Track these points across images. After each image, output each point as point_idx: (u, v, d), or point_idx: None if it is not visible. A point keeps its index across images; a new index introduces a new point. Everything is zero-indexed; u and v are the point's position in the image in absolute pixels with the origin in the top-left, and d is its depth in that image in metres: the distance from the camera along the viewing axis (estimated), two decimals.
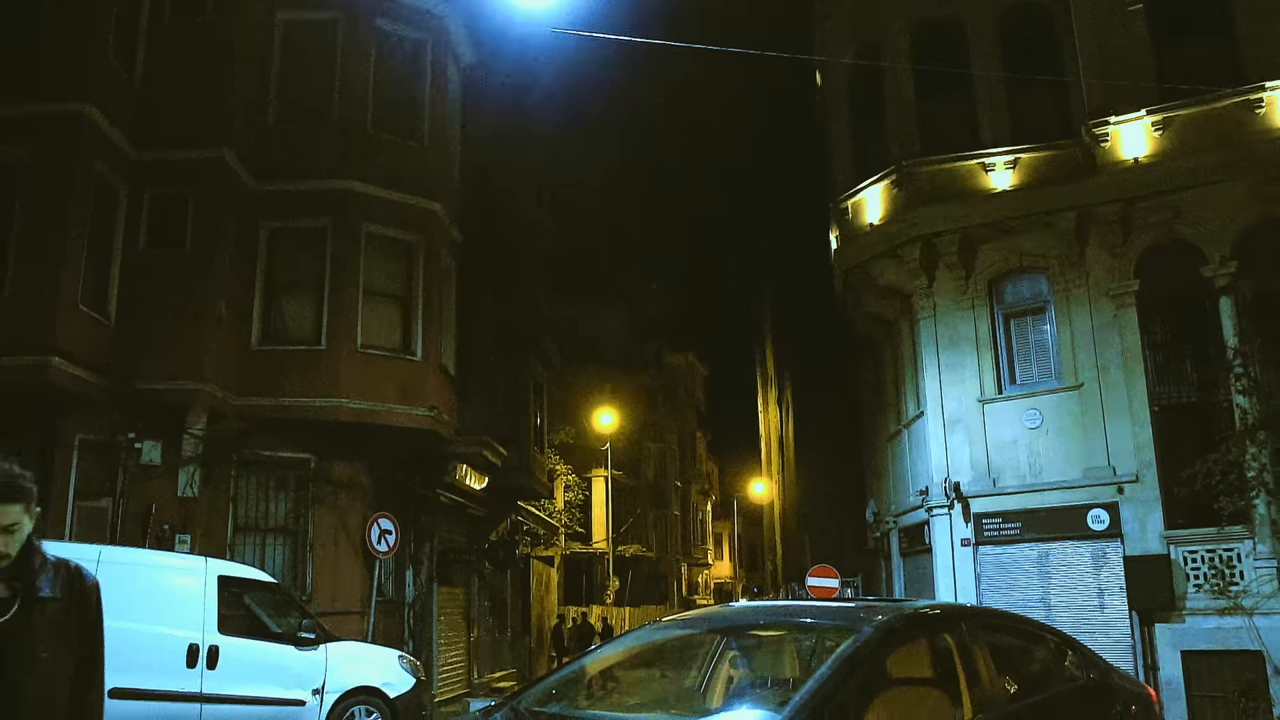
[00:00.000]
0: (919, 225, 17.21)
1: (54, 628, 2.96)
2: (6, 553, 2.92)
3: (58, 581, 3.06)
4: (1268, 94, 15.19)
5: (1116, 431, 15.77)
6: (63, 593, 3.05)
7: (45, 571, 3.04)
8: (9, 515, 2.96)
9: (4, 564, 2.91)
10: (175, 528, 14.79)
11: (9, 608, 2.91)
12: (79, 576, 3.18)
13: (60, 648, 2.96)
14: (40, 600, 2.97)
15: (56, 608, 3.00)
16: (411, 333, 17.18)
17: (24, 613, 2.92)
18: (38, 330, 13.35)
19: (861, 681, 4.38)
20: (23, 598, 2.95)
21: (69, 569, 3.16)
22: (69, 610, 3.04)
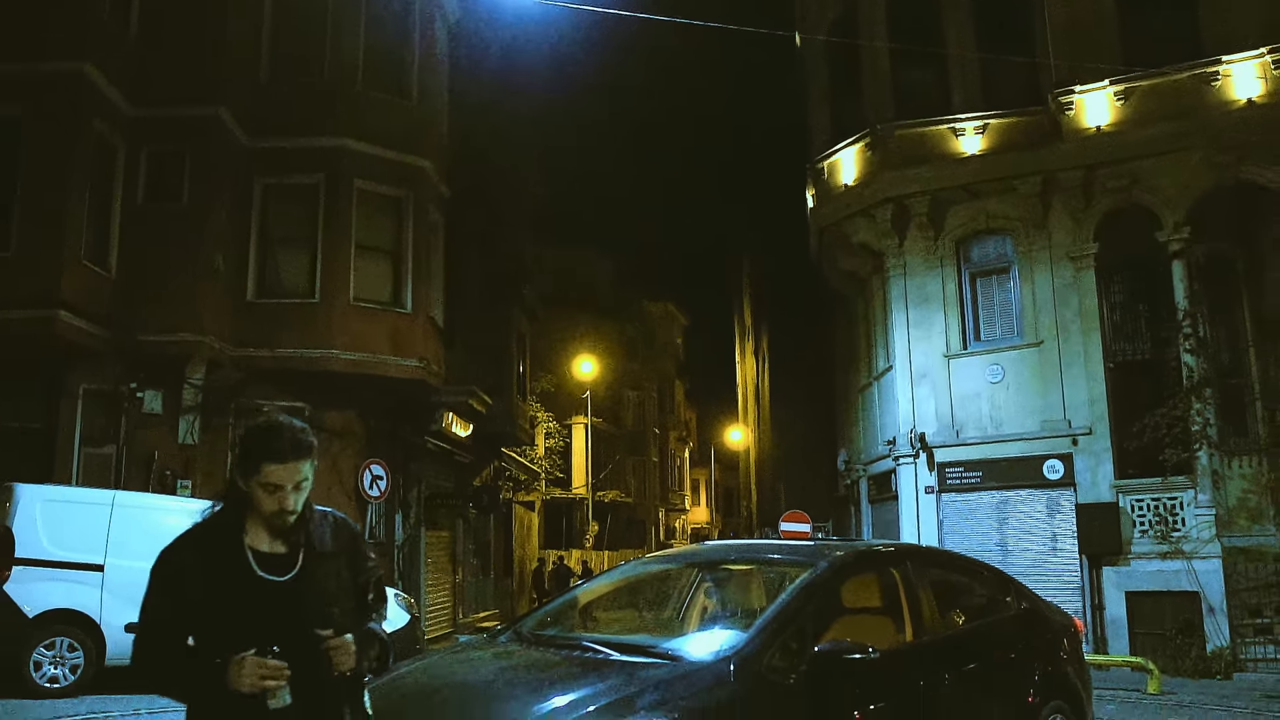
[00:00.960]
0: (891, 187, 17.92)
1: (336, 580, 2.89)
2: (295, 510, 2.84)
3: (330, 534, 2.97)
4: (1224, 67, 15.90)
5: (1073, 387, 16.67)
6: (335, 544, 2.96)
7: (319, 526, 2.96)
8: (300, 472, 2.86)
9: (292, 520, 2.85)
10: (176, 473, 15.48)
11: (293, 565, 2.86)
12: (345, 526, 3.09)
13: (345, 600, 2.89)
14: (320, 555, 2.90)
15: (334, 561, 2.92)
16: (402, 286, 17.77)
17: (307, 569, 2.86)
18: (44, 284, 13.86)
19: (817, 608, 5.19)
20: (305, 554, 2.88)
21: (335, 520, 3.07)
22: (344, 562, 2.96)
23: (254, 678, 2.66)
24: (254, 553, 2.84)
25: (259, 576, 2.81)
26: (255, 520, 2.88)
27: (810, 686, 4.65)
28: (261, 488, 2.82)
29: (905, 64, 18.43)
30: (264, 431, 2.90)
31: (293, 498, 2.84)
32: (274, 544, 2.88)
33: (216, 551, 2.84)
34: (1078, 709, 6.69)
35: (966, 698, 5.82)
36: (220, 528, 2.90)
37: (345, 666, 2.77)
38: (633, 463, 54.42)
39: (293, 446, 2.85)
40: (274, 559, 2.86)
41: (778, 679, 4.62)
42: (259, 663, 2.67)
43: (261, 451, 2.85)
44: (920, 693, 5.44)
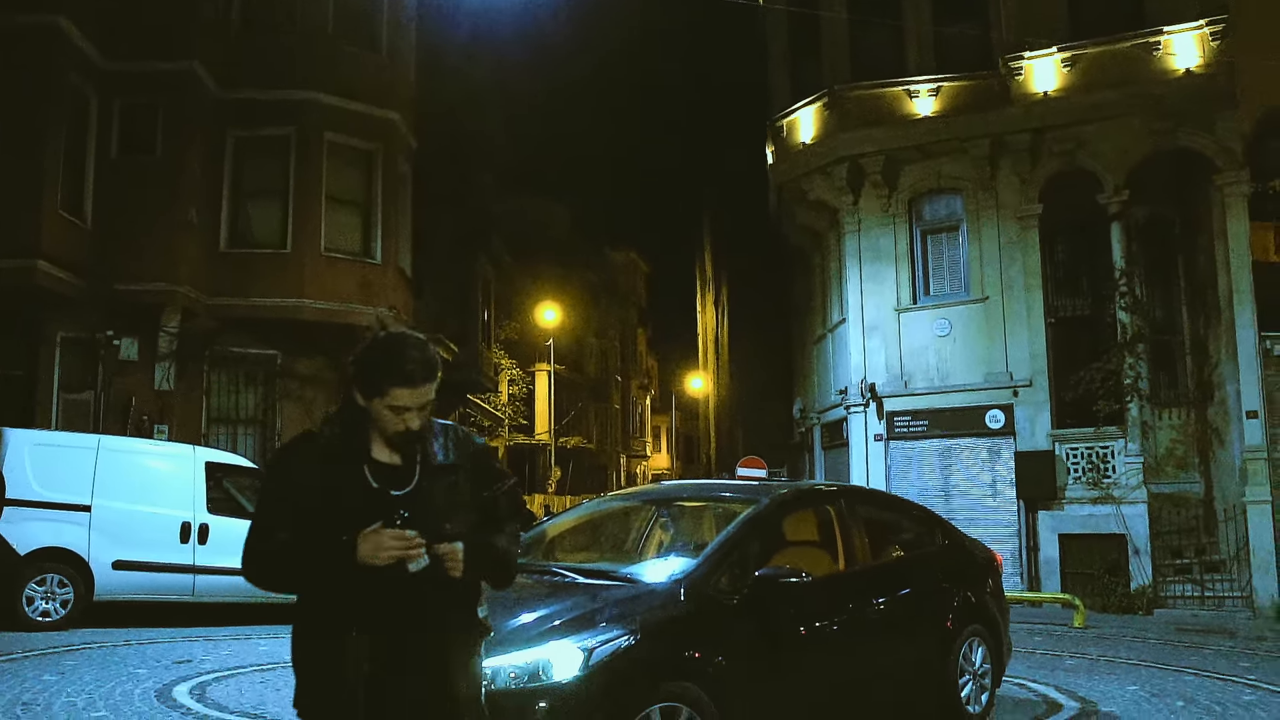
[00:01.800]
0: (847, 146, 18.56)
1: (454, 494, 2.84)
2: (419, 430, 2.79)
3: (450, 447, 2.89)
4: (1165, 37, 16.62)
5: (1015, 341, 17.54)
6: (456, 458, 2.89)
7: (436, 438, 2.88)
8: (429, 394, 2.77)
9: (411, 444, 2.80)
10: (153, 419, 15.97)
11: (410, 477, 2.80)
12: (468, 440, 2.99)
13: (463, 514, 2.84)
14: (437, 468, 2.84)
15: (453, 474, 2.86)
16: (371, 237, 18.22)
17: (424, 482, 2.81)
18: (23, 235, 14.22)
19: (760, 539, 5.93)
20: (422, 466, 2.82)
21: (458, 434, 2.98)
22: (465, 475, 2.89)
23: (394, 548, 2.64)
24: (371, 464, 2.79)
25: (375, 489, 2.76)
26: (374, 433, 2.80)
27: (751, 606, 5.40)
28: (389, 409, 2.73)
29: (862, 27, 18.97)
30: (392, 351, 2.76)
31: (418, 419, 2.76)
32: (391, 456, 2.81)
33: (334, 462, 2.77)
34: (994, 634, 7.53)
35: (891, 620, 6.62)
36: (338, 439, 2.82)
37: (455, 573, 2.73)
38: (595, 409, 55.22)
39: (423, 369, 2.74)
40: (391, 471, 2.80)
41: (723, 599, 5.36)
42: (397, 534, 2.64)
43: (391, 374, 2.73)
44: (849, 614, 6.22)
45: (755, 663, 5.31)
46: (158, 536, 12.22)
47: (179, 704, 7.77)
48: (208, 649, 10.56)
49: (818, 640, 5.85)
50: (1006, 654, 7.94)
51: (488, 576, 2.93)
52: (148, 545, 12.12)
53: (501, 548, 2.94)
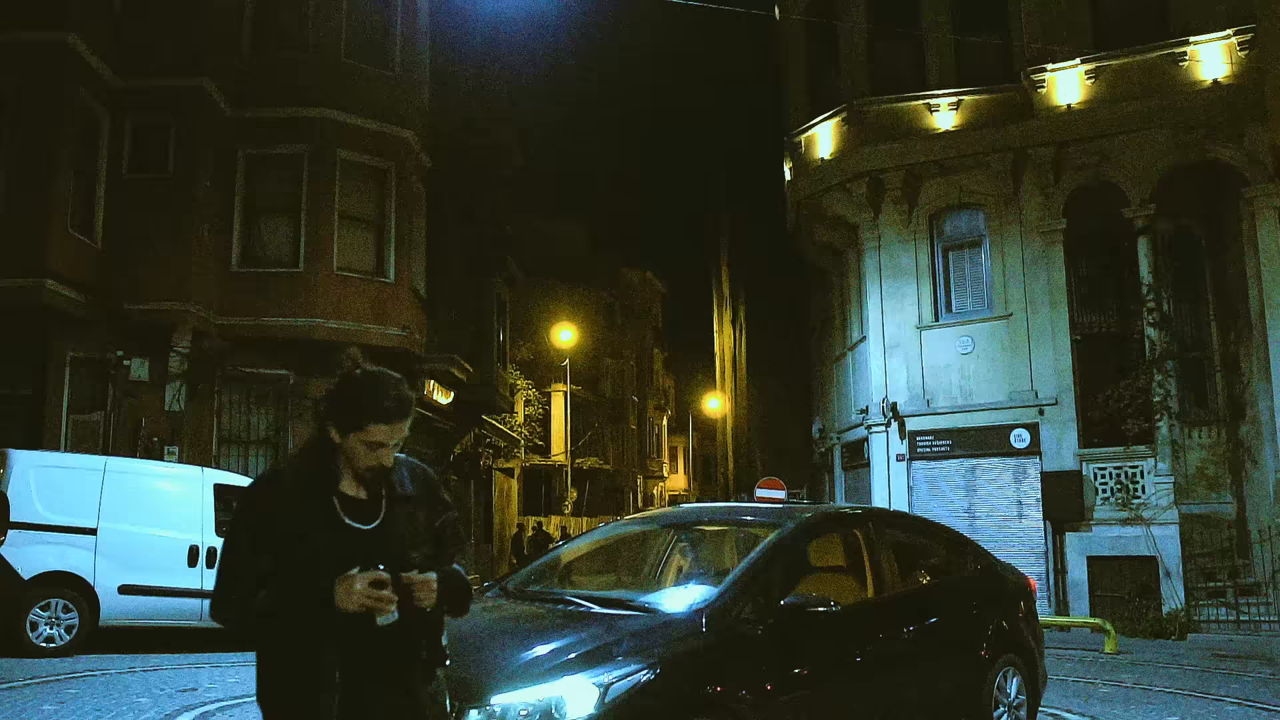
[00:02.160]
0: (867, 162, 18.28)
1: (415, 525, 2.86)
2: (390, 466, 2.82)
3: (409, 479, 2.93)
4: (1191, 48, 16.30)
5: (1040, 358, 17.16)
6: (415, 489, 2.93)
7: (399, 471, 2.91)
8: (403, 430, 2.81)
9: (375, 473, 2.82)
10: (164, 440, 15.74)
11: (377, 511, 2.83)
12: (423, 472, 3.04)
13: (424, 545, 2.86)
14: (401, 500, 2.87)
15: (414, 505, 2.89)
16: (384, 256, 18.02)
17: (390, 515, 2.83)
18: (31, 254, 14.06)
19: (784, 566, 5.60)
20: (387, 500, 2.85)
21: (413, 466, 3.00)
22: (423, 506, 2.93)
23: (363, 596, 2.60)
24: (341, 498, 2.80)
25: (345, 524, 2.77)
26: (344, 467, 2.81)
27: (776, 637, 5.06)
28: (363, 444, 2.75)
29: (882, 40, 18.72)
30: (370, 388, 2.84)
31: (390, 456, 2.80)
32: (358, 490, 2.82)
33: (305, 497, 2.77)
34: (1029, 663, 7.15)
35: (922, 650, 6.26)
36: (309, 473, 2.82)
37: (427, 603, 2.72)
38: (611, 430, 54.91)
39: (398, 406, 2.80)
40: (359, 504, 2.81)
41: (747, 630, 5.03)
42: (373, 578, 2.62)
43: (369, 410, 2.77)
44: (879, 644, 5.87)
45: (782, 697, 4.97)
46: (165, 560, 11.97)
47: None
48: (214, 676, 10.28)
49: (847, 672, 5.51)
50: (1042, 684, 7.56)
51: (453, 605, 2.96)
52: (154, 569, 11.86)
53: (463, 576, 3.06)
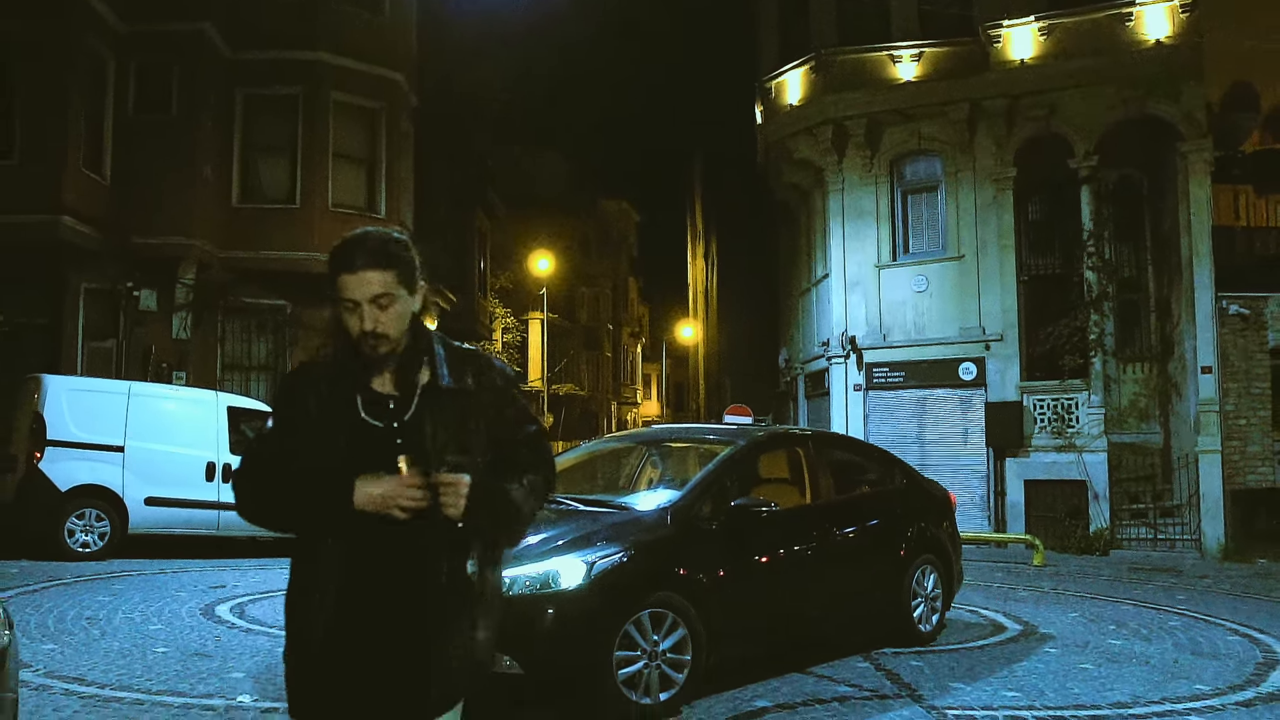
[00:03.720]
0: (832, 109, 19.34)
1: (459, 426, 2.44)
2: (386, 334, 2.37)
3: (467, 372, 2.50)
4: (1137, 9, 17.38)
5: (988, 297, 18.49)
6: (472, 383, 2.49)
7: (442, 361, 2.49)
8: (371, 283, 2.35)
9: (385, 349, 2.39)
10: (172, 365, 16.87)
11: (406, 407, 2.42)
12: (491, 368, 2.58)
13: (470, 450, 2.44)
14: (441, 393, 2.45)
15: (461, 401, 2.45)
16: (376, 192, 19.01)
17: (420, 413, 2.42)
18: (48, 192, 14.98)
19: (736, 475, 6.91)
20: (421, 394, 2.43)
21: (479, 360, 2.58)
22: (478, 406, 2.49)
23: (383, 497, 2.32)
24: (366, 393, 2.43)
25: (362, 420, 2.41)
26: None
27: (727, 531, 6.40)
28: (345, 310, 2.40)
29: None
30: (340, 244, 2.45)
31: (373, 316, 2.36)
32: (387, 384, 2.45)
33: (329, 390, 2.44)
34: (945, 563, 8.56)
35: (850, 547, 7.64)
36: (336, 365, 2.48)
37: (451, 511, 2.33)
38: (587, 357, 56.14)
39: (362, 253, 2.37)
40: (385, 401, 2.44)
41: (703, 525, 6.36)
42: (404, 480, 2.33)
43: (335, 262, 2.41)
44: (813, 540, 7.23)
45: (729, 578, 6.31)
46: (185, 475, 13.21)
47: (224, 620, 8.79)
48: (237, 576, 11.58)
49: (783, 561, 6.86)
50: (957, 582, 8.98)
51: (491, 527, 2.47)
52: (176, 483, 13.11)
53: (515, 499, 2.50)
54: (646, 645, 5.77)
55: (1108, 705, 6.47)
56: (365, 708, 2.38)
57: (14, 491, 12.22)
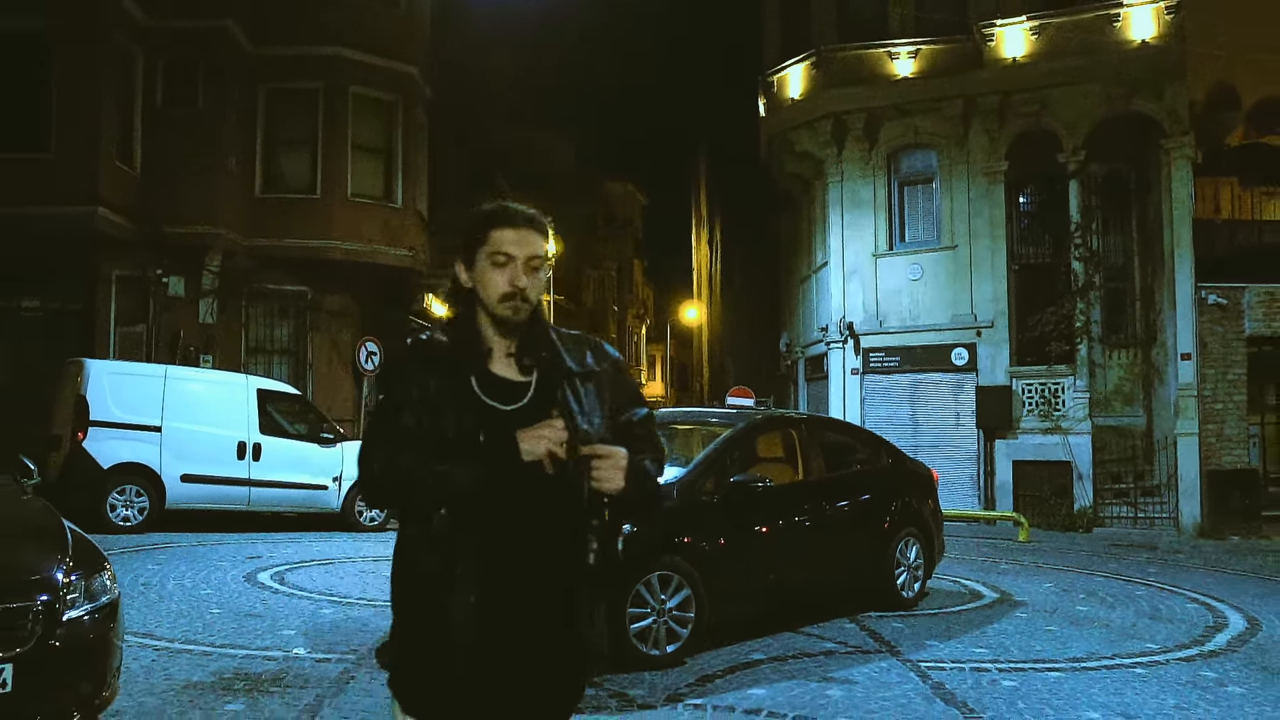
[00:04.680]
0: (832, 103, 20.07)
1: (581, 407, 2.37)
2: (529, 297, 2.34)
3: (584, 355, 2.47)
4: (1124, 10, 18.09)
5: (980, 285, 19.27)
6: (590, 365, 2.45)
7: (559, 344, 2.44)
8: (533, 244, 2.36)
9: (524, 314, 2.34)
10: (199, 349, 17.68)
11: (525, 390, 2.37)
12: (603, 349, 2.54)
13: (594, 428, 2.37)
14: (570, 373, 2.40)
15: (580, 383, 2.41)
16: (393, 182, 19.76)
17: (541, 395, 2.36)
18: (83, 184, 15.75)
19: (736, 454, 7.72)
20: (541, 375, 2.39)
21: (593, 342, 2.54)
22: (600, 385, 2.44)
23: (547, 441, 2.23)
24: (484, 376, 2.36)
25: (482, 402, 2.33)
26: (488, 334, 2.39)
27: (726, 504, 7.22)
28: (489, 260, 2.35)
29: None
30: (493, 205, 2.45)
31: (525, 278, 2.34)
32: (507, 365, 2.39)
33: (443, 369, 2.35)
34: (927, 535, 9.37)
35: (838, 519, 8.46)
36: (450, 343, 2.41)
37: (608, 484, 2.26)
38: None
39: (524, 216, 2.40)
40: (504, 384, 2.37)
41: (706, 499, 7.18)
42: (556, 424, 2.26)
43: (491, 218, 2.39)
44: (804, 513, 8.05)
45: (728, 545, 7.14)
46: (218, 454, 14.04)
47: (267, 585, 9.64)
48: (270, 549, 12.42)
49: (777, 531, 7.69)
50: (938, 553, 9.79)
51: (639, 502, 2.41)
52: (210, 461, 13.94)
53: (653, 474, 2.45)
54: (655, 604, 6.60)
55: (1064, 660, 7.29)
56: (511, 702, 2.27)
57: (59, 469, 13.01)
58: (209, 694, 5.80)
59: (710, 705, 5.82)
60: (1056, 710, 5.94)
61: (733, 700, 5.92)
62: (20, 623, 4.24)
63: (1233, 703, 6.28)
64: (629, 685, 6.13)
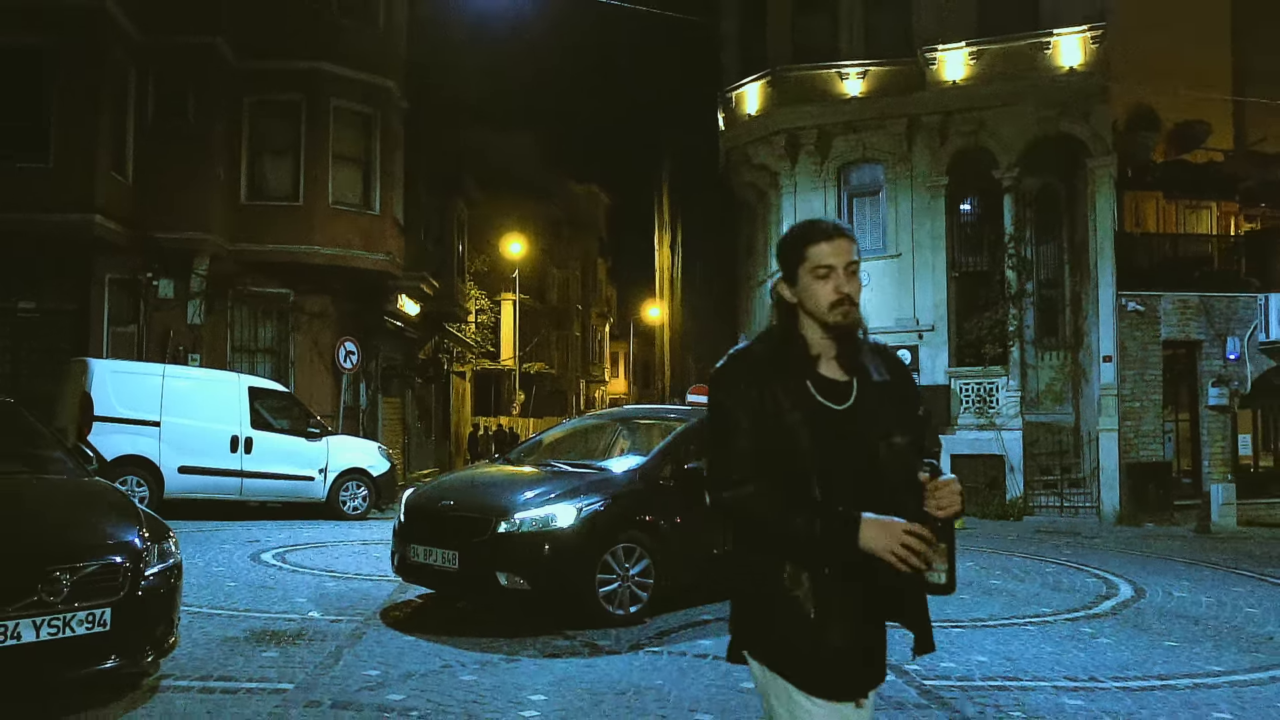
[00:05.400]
0: (786, 120, 21.41)
1: (889, 409, 2.58)
2: (855, 301, 2.54)
3: (882, 363, 2.66)
4: (1054, 38, 19.56)
5: (922, 292, 20.68)
6: (889, 376, 2.65)
7: (869, 353, 2.63)
8: (849, 253, 2.56)
9: (854, 317, 2.54)
10: (187, 348, 18.67)
11: (850, 393, 2.55)
12: (893, 356, 2.75)
13: (900, 433, 2.56)
14: (875, 384, 2.59)
15: (887, 390, 2.61)
16: (371, 190, 20.80)
17: (863, 396, 2.56)
18: (81, 192, 16.68)
19: (689, 445, 8.95)
20: (860, 382, 2.57)
21: (884, 350, 2.72)
22: (895, 392, 2.64)
23: (898, 545, 2.34)
24: (814, 379, 2.56)
25: (819, 402, 2.52)
26: (813, 340, 2.59)
27: (681, 487, 8.45)
28: (811, 275, 2.56)
29: (803, 12, 21.69)
30: (801, 224, 2.66)
31: (849, 284, 2.54)
32: (832, 367, 2.59)
33: (777, 374, 2.55)
34: None
35: None
36: (779, 351, 2.61)
37: (950, 510, 2.42)
38: (557, 336, 57.84)
39: (836, 227, 2.59)
40: (832, 385, 2.56)
41: (665, 483, 8.41)
42: (911, 529, 2.35)
43: (804, 236, 2.60)
44: None
45: (682, 523, 8.37)
46: (212, 447, 15.09)
47: (271, 564, 10.76)
48: (267, 533, 13.51)
49: None
50: None
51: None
52: (205, 454, 14.99)
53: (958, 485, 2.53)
54: (620, 571, 7.83)
55: (968, 619, 8.61)
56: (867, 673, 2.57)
57: None
58: (245, 645, 6.94)
59: (666, 651, 7.07)
60: (951, 655, 7.25)
61: (684, 648, 7.17)
62: (114, 577, 5.35)
63: (1099, 650, 7.63)
64: (598, 638, 7.36)
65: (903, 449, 2.55)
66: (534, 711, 5.53)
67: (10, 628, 4.83)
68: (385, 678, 6.13)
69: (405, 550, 8.07)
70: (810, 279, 2.56)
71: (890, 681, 6.34)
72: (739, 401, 2.54)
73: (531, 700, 5.74)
